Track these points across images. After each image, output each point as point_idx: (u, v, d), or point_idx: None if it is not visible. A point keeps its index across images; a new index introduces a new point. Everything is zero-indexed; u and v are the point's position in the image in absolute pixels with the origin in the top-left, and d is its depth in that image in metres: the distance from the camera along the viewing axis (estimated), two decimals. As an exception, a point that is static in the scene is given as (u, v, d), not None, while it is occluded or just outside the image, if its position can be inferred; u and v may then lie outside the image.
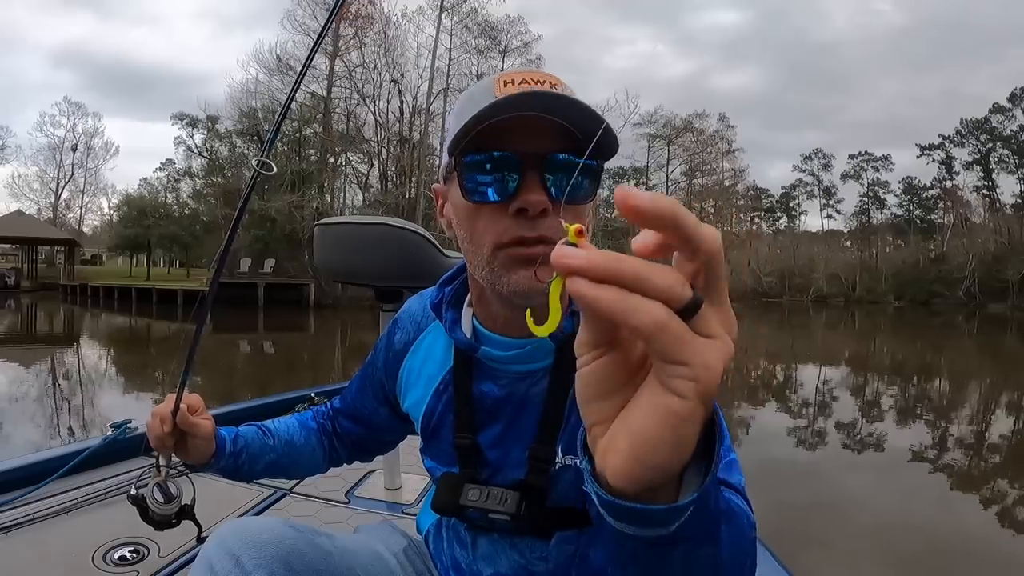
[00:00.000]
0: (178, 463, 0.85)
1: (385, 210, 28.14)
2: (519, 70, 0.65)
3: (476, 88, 0.67)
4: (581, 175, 0.64)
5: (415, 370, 0.83)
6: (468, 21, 34.77)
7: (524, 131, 0.61)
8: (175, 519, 0.84)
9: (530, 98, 0.59)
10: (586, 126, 0.61)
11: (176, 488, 0.84)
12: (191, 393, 0.81)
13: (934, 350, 16.92)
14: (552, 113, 0.60)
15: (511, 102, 0.59)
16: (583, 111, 0.60)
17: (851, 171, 51.31)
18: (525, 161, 0.62)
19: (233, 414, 2.29)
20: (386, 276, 1.71)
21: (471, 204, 0.65)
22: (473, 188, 0.64)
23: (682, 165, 46.42)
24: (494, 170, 0.63)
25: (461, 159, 0.64)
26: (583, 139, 0.62)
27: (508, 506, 0.72)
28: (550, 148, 0.62)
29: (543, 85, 0.63)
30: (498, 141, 0.62)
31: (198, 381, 7.20)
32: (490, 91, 0.64)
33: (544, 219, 0.62)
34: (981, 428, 6.88)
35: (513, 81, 0.63)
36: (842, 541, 3.32)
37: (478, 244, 0.66)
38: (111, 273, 39.17)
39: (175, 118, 35.85)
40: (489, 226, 0.64)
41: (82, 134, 44.73)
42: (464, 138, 0.62)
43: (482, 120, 0.60)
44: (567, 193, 0.62)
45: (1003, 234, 41.64)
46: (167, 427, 0.78)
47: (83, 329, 16.95)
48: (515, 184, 0.62)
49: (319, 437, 0.95)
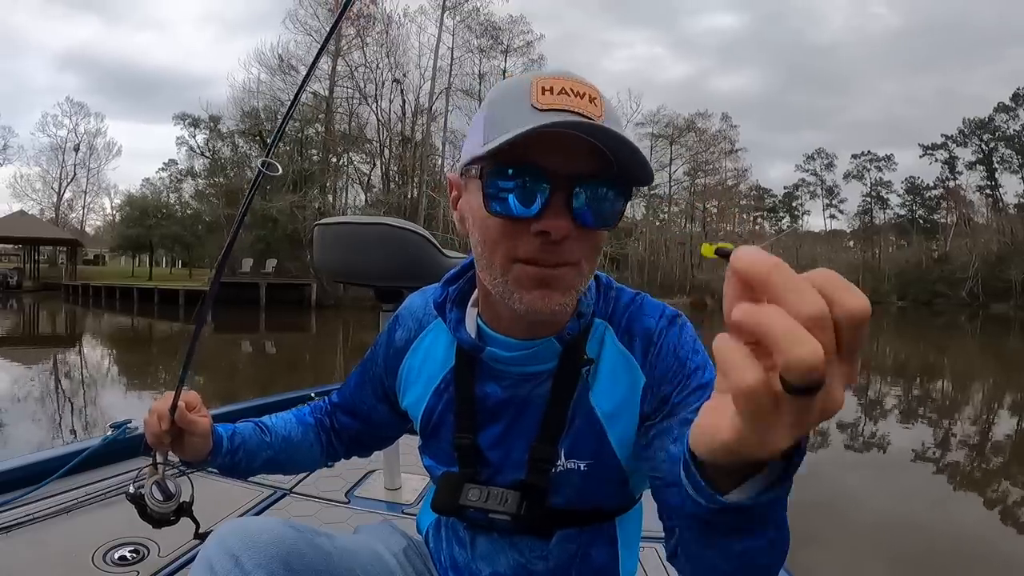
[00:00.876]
0: (176, 461, 0.84)
1: (387, 210, 28.19)
2: (558, 75, 0.62)
3: (511, 89, 0.63)
4: (610, 198, 0.62)
5: (415, 368, 0.83)
6: (470, 21, 34.85)
7: (556, 146, 0.59)
8: (173, 516, 0.84)
9: (571, 125, 0.57)
10: (619, 150, 0.59)
11: (175, 486, 0.84)
12: (189, 391, 0.81)
13: (937, 350, 16.89)
14: (589, 134, 0.59)
15: (553, 122, 0.56)
16: (619, 140, 0.58)
17: (854, 171, 51.35)
18: (553, 181, 0.60)
19: (233, 414, 2.29)
20: (386, 276, 1.71)
21: (491, 215, 0.62)
22: (495, 197, 0.61)
23: (685, 165, 46.42)
24: (520, 183, 0.60)
25: (487, 166, 0.62)
26: (615, 162, 0.61)
27: (508, 506, 0.72)
28: (581, 168, 0.60)
29: (582, 98, 0.60)
30: (527, 152, 0.59)
31: (199, 381, 7.21)
32: (527, 95, 0.60)
33: (565, 243, 0.61)
34: (984, 429, 6.86)
35: (552, 89, 0.60)
36: (842, 540, 3.31)
37: (491, 252, 0.64)
38: (113, 273, 39.26)
39: (177, 118, 35.97)
40: (506, 238, 0.63)
41: (84, 134, 44.91)
42: (497, 149, 0.59)
43: (525, 133, 0.57)
44: (590, 217, 0.61)
45: (1006, 234, 41.56)
46: (165, 424, 0.78)
47: (85, 329, 16.99)
48: (541, 204, 0.60)
49: (316, 433, 0.95)
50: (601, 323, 0.75)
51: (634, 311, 0.75)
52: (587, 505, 0.75)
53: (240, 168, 32.54)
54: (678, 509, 0.60)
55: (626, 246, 42.72)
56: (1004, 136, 44.59)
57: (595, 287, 0.76)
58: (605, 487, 0.74)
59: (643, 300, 0.77)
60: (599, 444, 0.72)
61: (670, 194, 47.04)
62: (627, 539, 0.80)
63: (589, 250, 0.65)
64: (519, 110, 0.59)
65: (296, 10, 31.00)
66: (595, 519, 0.77)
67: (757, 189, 52.16)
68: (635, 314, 0.75)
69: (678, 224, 48.75)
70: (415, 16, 34.18)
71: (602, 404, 0.72)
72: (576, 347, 0.73)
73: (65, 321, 19.00)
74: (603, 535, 0.77)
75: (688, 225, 48.56)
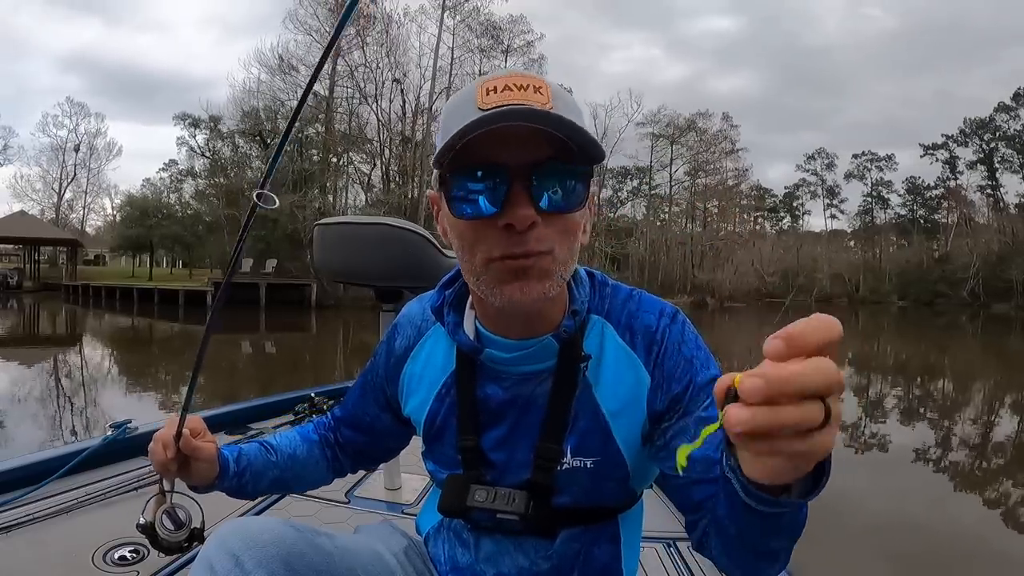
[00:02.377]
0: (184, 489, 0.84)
1: (387, 210, 28.17)
2: (501, 75, 0.63)
3: (459, 98, 0.65)
4: (570, 180, 0.63)
5: (416, 375, 0.83)
6: (470, 20, 34.82)
7: (507, 140, 0.60)
8: (186, 543, 0.83)
9: (511, 115, 0.58)
10: (567, 131, 0.60)
11: (184, 513, 0.83)
12: (193, 416, 0.80)
13: (938, 350, 16.87)
14: (533, 123, 0.59)
15: (491, 118, 0.58)
16: (561, 122, 0.59)
17: (855, 171, 51.32)
18: (511, 173, 0.61)
19: (234, 414, 2.29)
20: (386, 276, 1.71)
21: (459, 219, 0.64)
22: (460, 201, 0.63)
23: (686, 165, 46.43)
24: (480, 184, 0.62)
25: (447, 173, 0.64)
26: (570, 142, 0.61)
27: (516, 506, 0.72)
28: (536, 156, 0.61)
29: (526, 90, 0.61)
30: (482, 153, 0.61)
31: (199, 381, 7.13)
32: (472, 100, 0.62)
33: (532, 231, 0.62)
34: (985, 428, 6.86)
35: (496, 88, 0.61)
36: (844, 540, 3.31)
37: (470, 254, 0.66)
38: (113, 273, 39.28)
39: (178, 118, 35.87)
40: (478, 240, 0.64)
41: (84, 134, 44.91)
42: (448, 153, 0.61)
43: (464, 135, 0.59)
44: (553, 202, 0.62)
45: (1007, 234, 41.55)
46: (170, 452, 0.77)
47: (84, 330, 17.00)
48: (501, 198, 0.61)
49: (322, 449, 0.94)
50: (598, 319, 0.75)
51: (633, 308, 0.76)
52: (591, 503, 0.75)
53: (240, 168, 32.54)
54: (706, 503, 0.63)
55: (627, 246, 42.76)
56: (1005, 136, 44.58)
57: (589, 284, 0.76)
58: (610, 484, 0.75)
59: (640, 296, 0.77)
60: (605, 441, 0.72)
61: (671, 194, 47.11)
62: (629, 538, 0.80)
63: (560, 235, 0.65)
64: (465, 115, 0.61)
65: (296, 10, 31.05)
66: (599, 517, 0.77)
67: (758, 189, 52.18)
68: (634, 311, 0.75)
69: (679, 224, 48.79)
70: (415, 16, 34.15)
71: (607, 401, 0.72)
72: (574, 344, 0.73)
73: (65, 321, 19.01)
74: (606, 533, 0.78)
75: (689, 225, 48.59)
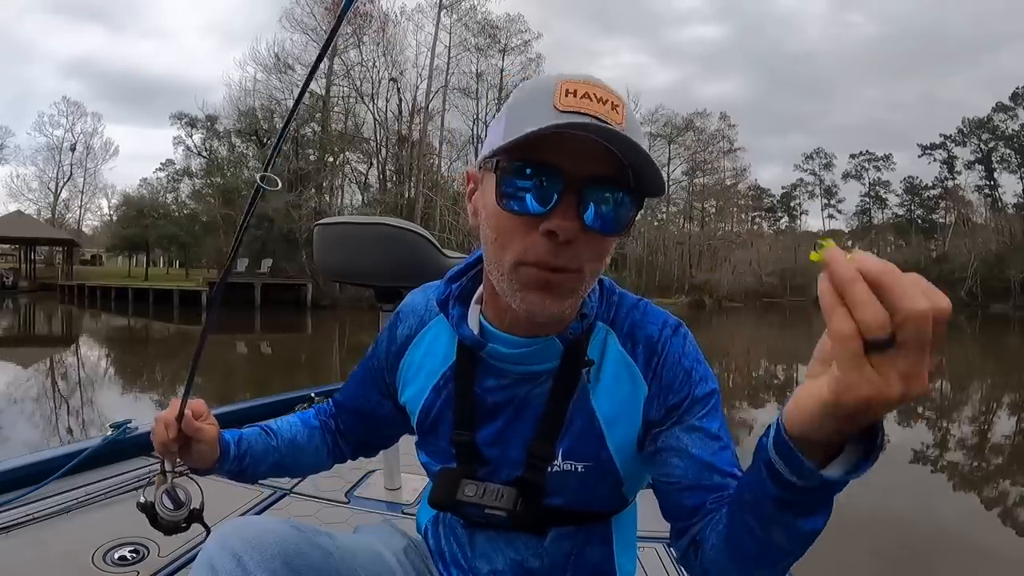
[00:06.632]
0: (184, 468, 0.84)
1: (384, 209, 28.13)
2: (581, 78, 0.62)
3: (536, 89, 0.64)
4: (621, 206, 0.63)
5: (415, 364, 0.83)
6: (467, 19, 34.82)
7: (572, 148, 0.60)
8: (185, 524, 0.83)
9: (591, 128, 0.58)
10: (635, 158, 0.60)
11: (184, 493, 0.83)
12: (195, 398, 0.81)
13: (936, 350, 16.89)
14: (610, 143, 0.59)
15: (571, 124, 0.58)
16: (635, 150, 0.59)
17: (852, 171, 51.47)
18: (566, 181, 0.60)
19: (233, 414, 2.29)
20: (386, 276, 1.71)
21: (503, 211, 0.63)
22: (509, 195, 0.62)
23: (683, 164, 46.47)
24: (533, 181, 0.61)
25: (503, 159, 0.62)
26: (629, 168, 0.61)
27: (504, 502, 0.72)
28: (594, 171, 0.61)
29: (604, 104, 0.61)
30: (544, 150, 0.60)
31: (197, 382, 7.11)
32: (550, 96, 0.61)
33: (570, 246, 0.62)
34: (983, 428, 6.88)
35: (576, 92, 0.61)
36: (843, 540, 3.32)
37: (501, 249, 0.65)
38: (110, 273, 39.12)
39: (174, 118, 35.85)
40: (515, 237, 0.63)
41: (81, 134, 44.80)
42: (514, 146, 0.60)
43: (538, 131, 0.58)
44: (599, 222, 0.62)
45: (1005, 234, 41.68)
46: (172, 433, 0.78)
47: (80, 330, 16.93)
48: (552, 203, 0.61)
49: (322, 434, 0.95)
50: (603, 327, 0.75)
51: (637, 317, 0.76)
52: (582, 507, 0.76)
53: (237, 168, 32.47)
54: (700, 509, 0.65)
55: (624, 245, 42.73)
56: (1003, 136, 44.70)
57: (598, 290, 0.76)
58: (600, 490, 0.75)
59: (645, 307, 0.77)
60: (597, 447, 0.72)
61: (668, 193, 47.07)
62: (623, 539, 0.80)
63: (595, 256, 0.65)
64: (541, 110, 0.60)
65: (292, 9, 30.99)
66: (590, 519, 0.77)
67: (755, 189, 52.27)
68: (638, 320, 0.75)
69: (676, 224, 48.82)
70: (412, 14, 34.18)
71: (603, 408, 0.72)
72: (578, 348, 0.73)
73: (61, 321, 18.94)
74: (598, 535, 0.78)
75: (686, 225, 48.62)
